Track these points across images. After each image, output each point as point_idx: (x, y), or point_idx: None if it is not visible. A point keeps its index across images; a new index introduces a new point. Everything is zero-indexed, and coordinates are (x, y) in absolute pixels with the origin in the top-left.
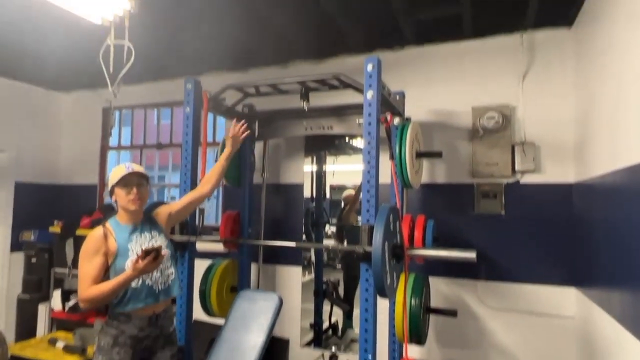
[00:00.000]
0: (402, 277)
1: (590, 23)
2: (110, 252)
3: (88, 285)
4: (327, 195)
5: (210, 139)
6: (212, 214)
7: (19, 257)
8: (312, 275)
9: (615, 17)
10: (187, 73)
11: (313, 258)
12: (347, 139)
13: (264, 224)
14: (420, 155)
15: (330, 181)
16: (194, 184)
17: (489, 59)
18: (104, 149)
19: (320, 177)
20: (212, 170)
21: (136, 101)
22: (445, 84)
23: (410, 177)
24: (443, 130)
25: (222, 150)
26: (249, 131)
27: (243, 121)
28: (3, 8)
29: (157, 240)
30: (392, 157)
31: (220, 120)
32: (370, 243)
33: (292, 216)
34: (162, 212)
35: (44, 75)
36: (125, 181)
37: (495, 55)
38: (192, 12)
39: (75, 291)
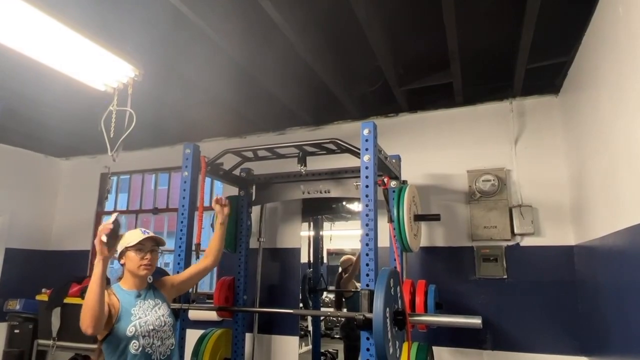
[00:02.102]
0: (405, 347)
1: (575, 91)
2: (114, 308)
3: None
4: (324, 261)
5: (207, 203)
6: (207, 279)
7: (2, 327)
8: (310, 347)
9: (600, 85)
10: (186, 139)
11: (310, 327)
12: (343, 203)
13: (259, 291)
14: (418, 218)
15: (327, 246)
16: (189, 249)
17: (481, 125)
18: (99, 214)
19: (317, 241)
20: (211, 241)
21: (135, 167)
22: (440, 148)
23: (409, 240)
24: (439, 193)
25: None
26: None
27: (218, 198)
28: (5, 75)
29: (160, 308)
30: (390, 219)
31: (217, 184)
32: (370, 309)
33: (289, 282)
34: (165, 283)
35: (45, 141)
36: (141, 245)
37: (486, 121)
38: (193, 82)
39: None
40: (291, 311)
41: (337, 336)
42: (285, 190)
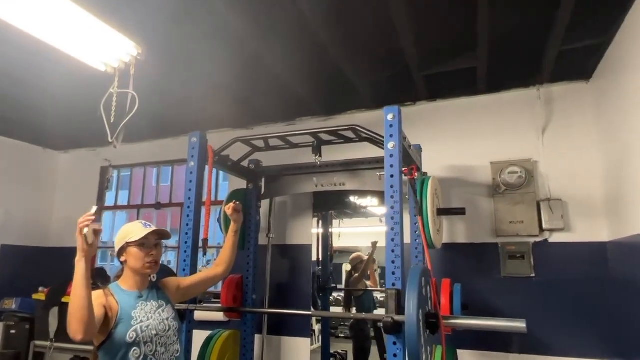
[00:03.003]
0: (438, 353)
1: (612, 75)
2: (112, 310)
3: None
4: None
5: (213, 197)
6: None
7: None
8: (315, 346)
9: None
10: (190, 130)
11: (315, 327)
12: (351, 198)
13: (269, 290)
14: (441, 212)
15: (336, 243)
16: (195, 245)
17: (506, 113)
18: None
19: (326, 238)
20: (222, 251)
21: (136, 160)
22: (461, 139)
23: (432, 235)
24: (461, 186)
25: (224, 213)
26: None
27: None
28: (3, 61)
29: (165, 311)
30: (419, 212)
31: (222, 181)
32: (398, 311)
33: (300, 280)
34: (170, 284)
35: (43, 133)
36: (145, 240)
37: (512, 109)
38: (198, 68)
39: None
40: (309, 313)
41: (342, 335)
42: (296, 183)
